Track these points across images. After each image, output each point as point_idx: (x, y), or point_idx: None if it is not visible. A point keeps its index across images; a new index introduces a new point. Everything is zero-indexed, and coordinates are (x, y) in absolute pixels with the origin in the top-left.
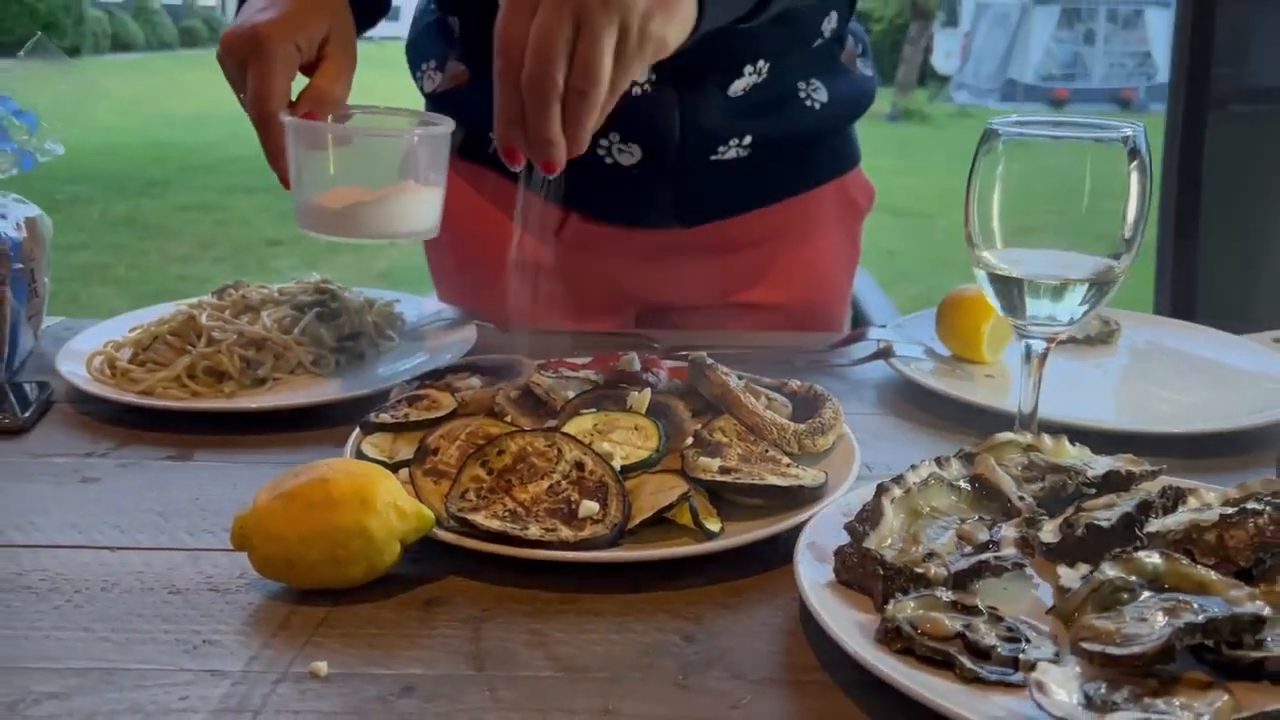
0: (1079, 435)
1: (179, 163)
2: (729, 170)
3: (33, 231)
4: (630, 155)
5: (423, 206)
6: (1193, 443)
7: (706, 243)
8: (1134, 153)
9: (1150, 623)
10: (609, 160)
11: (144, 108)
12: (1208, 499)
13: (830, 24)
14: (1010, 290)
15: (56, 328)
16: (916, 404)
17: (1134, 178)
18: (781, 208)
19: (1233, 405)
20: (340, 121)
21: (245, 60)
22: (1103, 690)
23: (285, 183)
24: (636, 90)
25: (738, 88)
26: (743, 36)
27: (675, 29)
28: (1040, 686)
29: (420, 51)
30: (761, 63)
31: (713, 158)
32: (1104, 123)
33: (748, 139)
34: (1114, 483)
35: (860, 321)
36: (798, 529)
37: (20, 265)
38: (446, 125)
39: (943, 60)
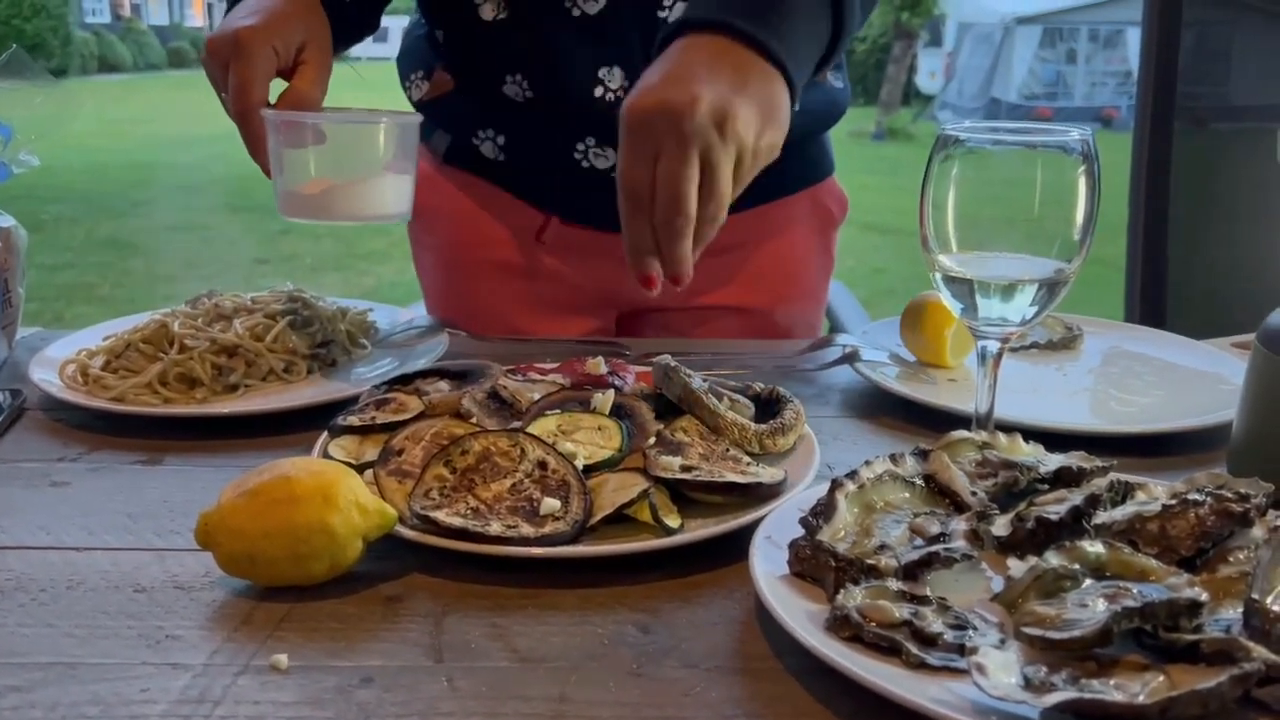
0: (1036, 436)
1: (165, 183)
2: None
3: (6, 242)
4: (605, 159)
5: (394, 191)
6: (1147, 442)
7: None
8: (1084, 157)
9: (1091, 608)
10: (586, 164)
11: (130, 128)
12: (1155, 493)
13: None
14: (963, 292)
15: (32, 338)
16: (880, 407)
17: (1083, 181)
18: (756, 213)
19: (1187, 406)
20: None
21: (227, 61)
22: (1042, 672)
23: (267, 173)
24: (609, 96)
25: None
26: None
27: (779, 133)
28: (980, 669)
29: (409, 63)
30: None
31: None
32: (1054, 127)
33: None
34: (1065, 479)
35: (836, 330)
36: (755, 524)
37: None
38: (414, 118)
39: (926, 80)
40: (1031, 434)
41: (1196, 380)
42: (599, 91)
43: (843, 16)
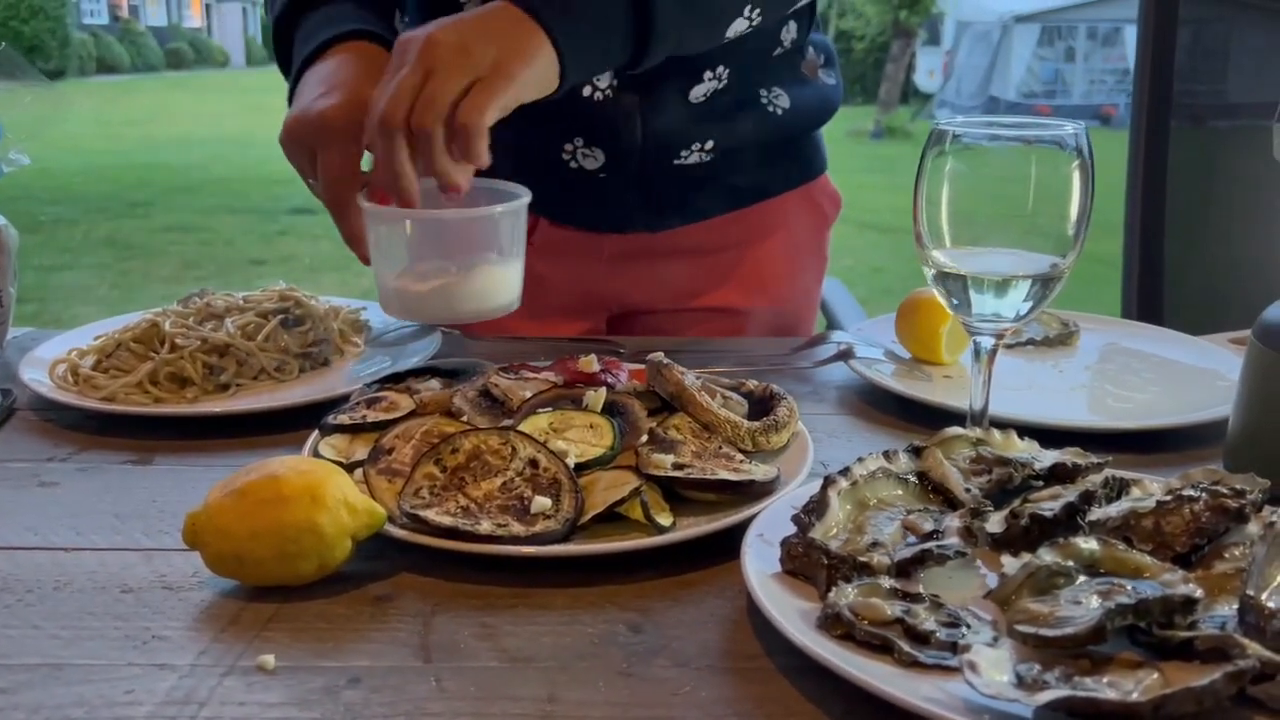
0: (1032, 432)
1: (163, 184)
2: (693, 174)
3: None
4: (594, 159)
5: (506, 280)
6: (1143, 438)
7: (673, 247)
8: (1076, 152)
9: (1084, 605)
10: (574, 165)
11: (128, 129)
12: (1150, 489)
13: (790, 34)
14: (957, 288)
15: (23, 338)
16: (876, 404)
17: (1076, 176)
18: (746, 213)
19: (1184, 402)
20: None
21: (312, 145)
22: (1035, 670)
23: (365, 261)
24: (598, 95)
25: (698, 93)
26: None
27: (531, 73)
28: (972, 667)
29: None
30: (721, 69)
31: (676, 162)
32: (1046, 121)
33: (710, 143)
34: (1060, 475)
35: (833, 328)
36: (748, 522)
37: None
38: (524, 196)
39: (925, 78)
40: (1027, 431)
41: (1193, 376)
42: (588, 91)
43: (651, 19)
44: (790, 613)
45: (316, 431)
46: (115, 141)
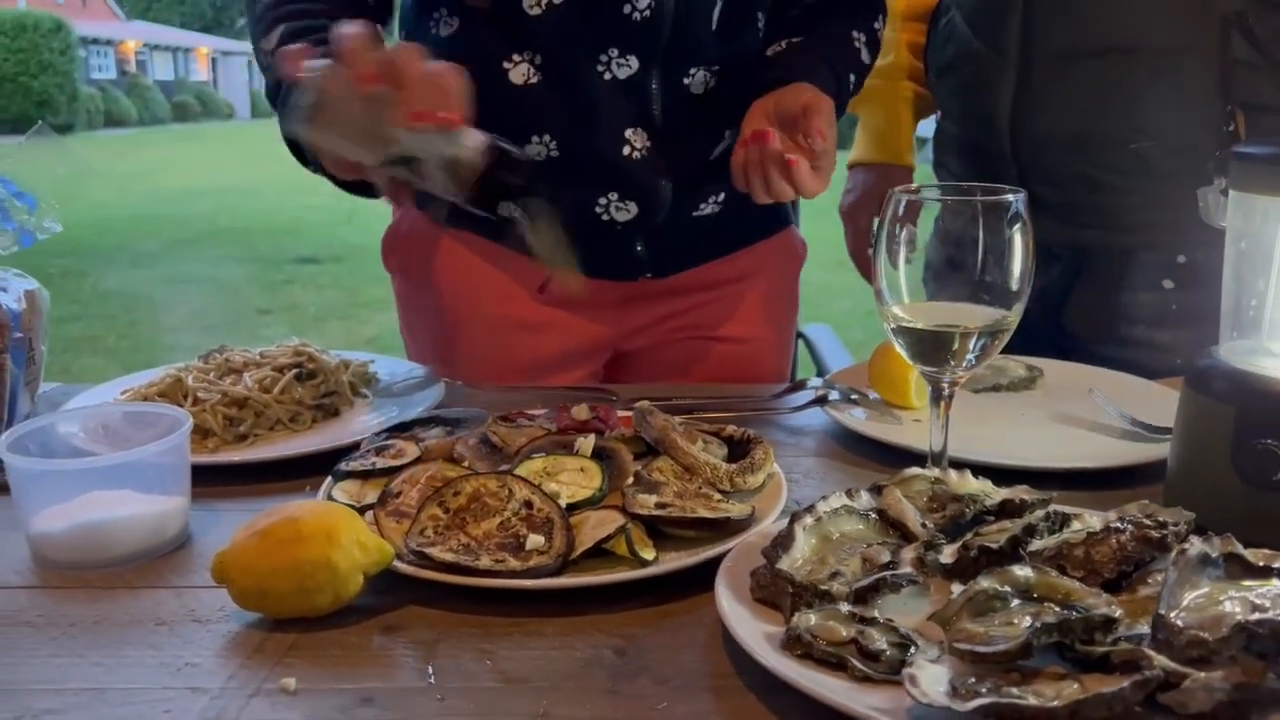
0: (990, 472)
1: (170, 235)
2: (701, 226)
3: (31, 303)
4: (628, 212)
5: None
6: (1095, 476)
7: (671, 289)
8: (1016, 216)
9: (1016, 625)
10: (606, 218)
11: (136, 182)
12: (1089, 522)
13: None
14: (913, 340)
15: (53, 393)
16: (850, 447)
17: (1018, 238)
18: (734, 258)
19: (1136, 443)
20: None
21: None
22: (970, 682)
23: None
24: (636, 155)
25: (717, 151)
26: (731, 103)
27: None
28: (913, 680)
29: None
30: (733, 129)
31: (694, 214)
32: (991, 185)
33: (722, 195)
34: (1009, 510)
35: (821, 371)
36: (724, 556)
37: (20, 334)
38: None
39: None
40: (985, 470)
41: (1148, 418)
42: (626, 150)
43: None
44: (757, 636)
45: (330, 477)
46: (123, 194)
